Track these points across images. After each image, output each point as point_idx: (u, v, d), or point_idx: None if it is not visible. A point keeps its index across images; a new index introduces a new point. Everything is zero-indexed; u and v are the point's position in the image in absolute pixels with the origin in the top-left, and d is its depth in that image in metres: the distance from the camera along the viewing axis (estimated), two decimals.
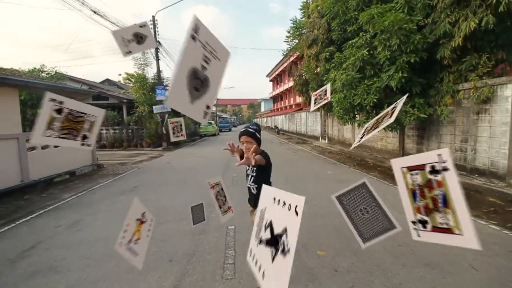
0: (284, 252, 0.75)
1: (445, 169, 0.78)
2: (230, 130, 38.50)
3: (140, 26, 1.16)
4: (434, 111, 6.73)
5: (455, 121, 6.62)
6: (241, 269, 2.73)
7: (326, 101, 2.05)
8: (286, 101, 35.71)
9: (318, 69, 10.77)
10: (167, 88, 19.41)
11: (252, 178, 2.30)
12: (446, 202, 0.80)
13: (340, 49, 8.40)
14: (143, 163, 10.44)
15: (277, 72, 37.16)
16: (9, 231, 3.98)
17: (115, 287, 2.49)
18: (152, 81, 17.38)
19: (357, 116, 8.27)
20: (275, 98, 43.52)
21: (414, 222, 0.89)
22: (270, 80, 43.55)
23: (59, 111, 0.80)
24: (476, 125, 6.06)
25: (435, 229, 0.84)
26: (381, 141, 10.04)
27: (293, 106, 29.74)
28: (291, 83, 23.20)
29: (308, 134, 20.49)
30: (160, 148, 16.10)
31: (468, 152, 6.30)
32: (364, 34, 7.11)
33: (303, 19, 12.29)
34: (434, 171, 0.82)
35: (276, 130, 27.93)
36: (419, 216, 0.87)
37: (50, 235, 3.75)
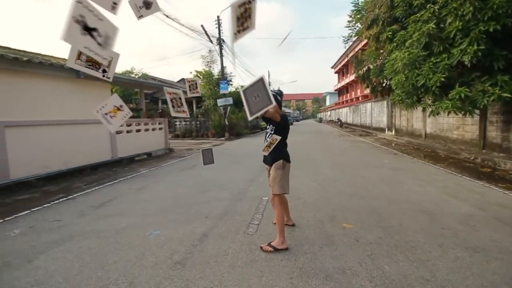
0: None
1: None
2: (291, 124, 38.48)
3: None
4: None
5: None
6: (263, 229, 2.95)
7: (185, 114, 1.74)
8: (353, 93, 33.53)
9: (381, 53, 9.89)
10: (230, 83, 20.77)
11: (270, 135, 2.49)
12: None
13: (404, 27, 7.56)
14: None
15: (342, 63, 35.17)
16: (98, 190, 5.13)
17: (160, 229, 3.04)
18: (217, 77, 18.80)
19: (422, 99, 7.34)
20: (341, 91, 41.30)
21: None
22: (335, 72, 41.49)
23: None
24: None
25: None
26: (457, 130, 8.64)
27: (360, 98, 27.75)
28: None
29: (373, 126, 18.93)
30: (223, 138, 17.39)
31: None
32: (432, 5, 6.24)
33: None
34: None
35: (339, 123, 26.58)
36: None
37: (124, 194, 4.70)
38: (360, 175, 5.50)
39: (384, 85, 11.29)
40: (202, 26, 15.08)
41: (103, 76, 1.30)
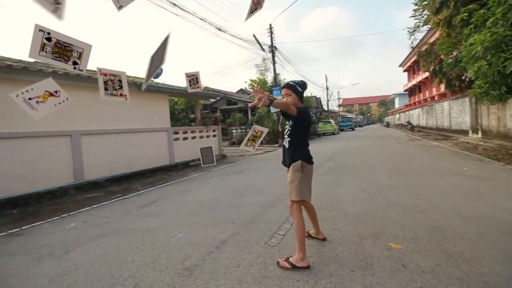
0: None
1: None
2: (352, 129, 35.89)
3: None
4: None
5: None
6: (288, 241, 2.59)
7: (199, 89, 1.74)
8: (426, 92, 29.36)
9: (457, 41, 8.27)
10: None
11: (288, 131, 2.17)
12: None
13: (484, 5, 6.15)
14: (257, 155, 11.56)
15: (412, 60, 31.23)
16: (149, 191, 5.53)
17: (184, 231, 2.99)
18: (271, 84, 18.91)
19: None
20: (411, 91, 36.71)
21: None
22: (404, 71, 37.15)
23: (48, 39, 1.16)
24: None
25: None
26: None
27: (436, 97, 24.05)
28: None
29: (452, 129, 16.01)
30: (276, 145, 17.23)
31: None
32: None
33: None
34: None
35: (409, 126, 23.40)
36: None
37: (168, 196, 4.94)
38: (427, 184, 4.55)
39: (463, 78, 9.40)
40: (254, 35, 15.44)
41: (75, 68, 1.25)
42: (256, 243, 2.56)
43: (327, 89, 38.49)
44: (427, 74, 25.35)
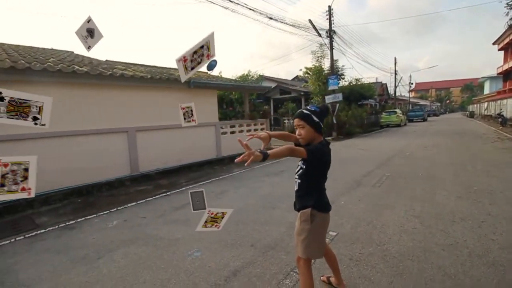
0: None
1: None
2: (424, 119, 31.44)
3: (87, 21, 1.25)
4: None
5: None
6: None
7: (194, 123, 1.89)
8: None
9: None
10: (342, 77, 19.00)
11: (300, 170, 1.80)
12: None
13: None
14: None
15: (511, 36, 25.03)
16: (189, 189, 5.74)
17: (203, 249, 2.93)
18: (327, 71, 17.60)
19: None
20: (507, 74, 29.76)
21: None
22: (499, 49, 30.17)
23: (1, 99, 1.08)
24: None
25: None
26: None
27: None
28: None
29: None
30: (329, 138, 16.22)
31: None
32: None
33: None
34: None
35: (500, 119, 19.15)
36: None
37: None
38: (505, 214, 3.53)
39: None
40: (310, 20, 14.38)
41: (36, 124, 1.16)
42: (267, 282, 2.31)
43: (396, 73, 34.17)
44: None
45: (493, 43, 30.20)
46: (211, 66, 9.50)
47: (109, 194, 5.75)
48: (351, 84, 21.37)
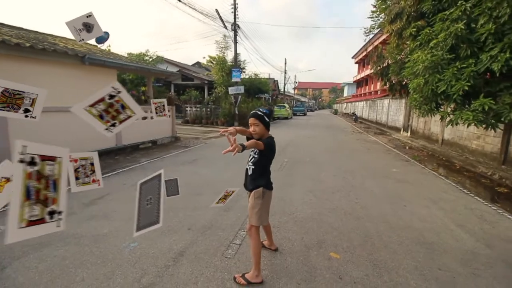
0: None
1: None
2: (304, 114, 37.69)
3: (87, 16, 1.26)
4: None
5: None
6: (244, 251, 2.79)
7: (166, 117, 1.90)
8: (372, 86, 32.09)
9: (403, 48, 9.16)
10: (243, 70, 20.28)
11: (253, 159, 2.27)
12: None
13: (430, 24, 6.88)
14: (212, 140, 11.43)
15: (363, 54, 33.46)
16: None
17: (139, 240, 2.94)
18: (230, 63, 18.38)
19: (441, 106, 6.76)
20: (359, 83, 39.68)
21: None
22: (356, 63, 39.71)
23: None
24: None
25: None
26: (477, 140, 8.00)
27: (379, 92, 26.52)
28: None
29: (388, 125, 18.11)
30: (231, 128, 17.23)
31: None
32: (464, 2, 5.57)
33: None
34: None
35: (354, 117, 25.73)
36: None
37: (116, 190, 4.66)
38: (364, 186, 5.20)
39: (403, 83, 10.60)
40: (216, 10, 14.57)
41: (26, 116, 1.11)
42: (213, 255, 2.69)
43: (285, 72, 39.08)
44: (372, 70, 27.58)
45: (352, 57, 39.13)
46: (101, 39, 8.30)
47: None
48: (251, 78, 23.09)
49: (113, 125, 1.25)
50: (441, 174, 6.48)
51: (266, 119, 2.24)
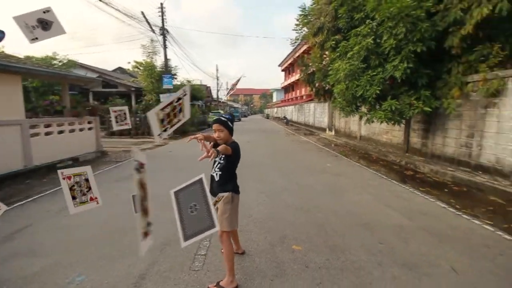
0: None
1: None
2: (239, 120, 38.47)
3: (44, 12, 1.09)
4: (440, 104, 6.38)
5: (462, 115, 6.26)
6: (211, 260, 2.72)
7: (127, 126, 2.01)
8: (298, 91, 35.10)
9: (324, 58, 10.42)
10: (175, 77, 19.49)
11: (219, 164, 2.26)
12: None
13: (346, 38, 8.06)
14: (147, 151, 10.58)
15: (289, 62, 36.42)
16: (3, 214, 4.13)
17: (86, 271, 2.54)
18: (160, 69, 17.42)
19: (360, 108, 7.98)
20: (287, 89, 42.88)
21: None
22: (282, 70, 42.83)
23: None
24: (483, 119, 5.71)
25: None
26: (386, 135, 9.71)
27: (304, 97, 29.24)
28: None
29: (315, 126, 20.16)
30: (166, 137, 16.27)
31: (473, 148, 5.97)
32: (371, 21, 6.75)
33: (313, 5, 11.83)
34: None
35: (285, 120, 27.69)
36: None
37: (40, 219, 3.88)
38: (306, 183, 5.68)
39: (326, 89, 12.01)
40: (142, 13, 13.67)
41: None
42: (179, 271, 2.53)
43: (218, 79, 39.21)
44: (299, 76, 30.26)
45: (278, 65, 42.01)
46: None
47: None
48: (183, 84, 22.30)
49: (165, 130, 1.26)
50: (364, 165, 7.59)
51: (230, 124, 2.27)
